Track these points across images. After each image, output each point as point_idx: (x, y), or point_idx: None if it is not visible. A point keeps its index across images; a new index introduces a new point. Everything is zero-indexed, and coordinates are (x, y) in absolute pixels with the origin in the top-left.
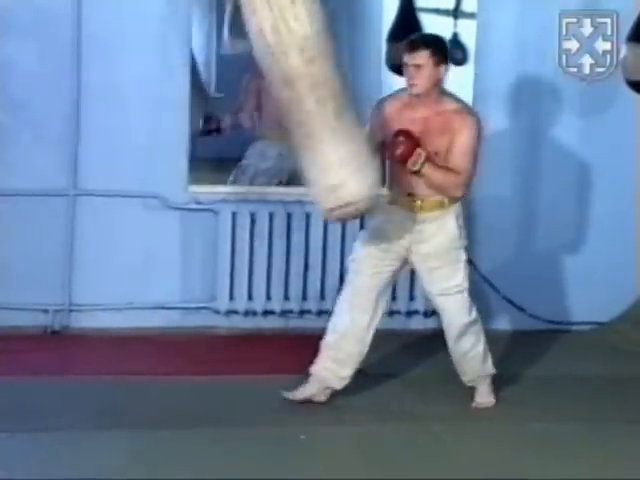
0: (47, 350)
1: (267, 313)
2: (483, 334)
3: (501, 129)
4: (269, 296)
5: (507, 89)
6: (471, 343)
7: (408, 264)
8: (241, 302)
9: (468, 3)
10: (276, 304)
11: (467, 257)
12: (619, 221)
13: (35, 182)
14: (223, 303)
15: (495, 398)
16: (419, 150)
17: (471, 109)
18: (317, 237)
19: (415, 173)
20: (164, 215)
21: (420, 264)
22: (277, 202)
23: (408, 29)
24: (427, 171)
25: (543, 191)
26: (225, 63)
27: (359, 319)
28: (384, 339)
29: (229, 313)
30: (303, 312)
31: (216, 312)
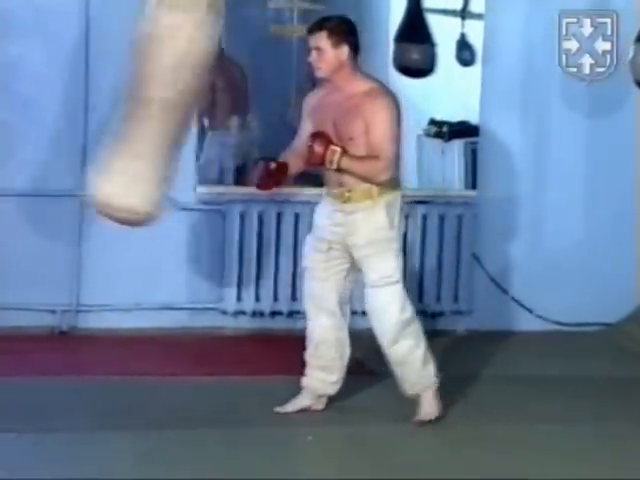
0: (54, 351)
1: (274, 314)
2: (423, 337)
3: (508, 130)
4: (276, 297)
5: (515, 89)
6: (408, 346)
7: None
8: (249, 303)
9: (476, 4)
10: (284, 305)
11: (400, 247)
12: (623, 221)
13: (43, 182)
14: (230, 304)
15: (439, 410)
16: (332, 148)
17: (386, 88)
18: None
19: (336, 170)
20: (172, 216)
21: (356, 257)
22: (285, 203)
23: (415, 30)
24: (346, 165)
25: (549, 192)
26: None
27: (327, 324)
28: None
29: (236, 314)
30: None
31: (223, 313)
